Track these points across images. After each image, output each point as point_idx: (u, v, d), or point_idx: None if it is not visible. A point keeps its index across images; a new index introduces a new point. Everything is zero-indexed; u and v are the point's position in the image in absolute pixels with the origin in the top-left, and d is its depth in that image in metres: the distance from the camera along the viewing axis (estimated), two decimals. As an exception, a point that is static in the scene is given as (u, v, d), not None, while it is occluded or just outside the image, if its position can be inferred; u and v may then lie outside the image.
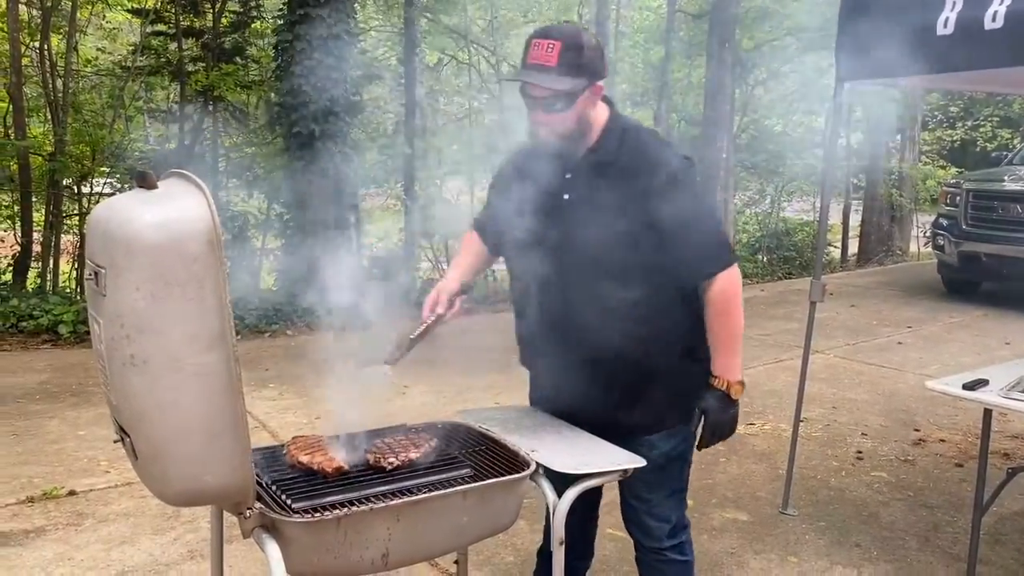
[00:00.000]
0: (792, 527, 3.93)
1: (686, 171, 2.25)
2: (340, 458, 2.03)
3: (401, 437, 2.20)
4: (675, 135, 15.71)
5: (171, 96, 10.86)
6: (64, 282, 9.67)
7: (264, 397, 5.90)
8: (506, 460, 2.14)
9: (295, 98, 8.59)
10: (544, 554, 2.74)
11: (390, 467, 2.03)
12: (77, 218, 9.70)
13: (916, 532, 3.87)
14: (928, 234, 12.11)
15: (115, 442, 1.80)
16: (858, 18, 3.63)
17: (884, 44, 3.30)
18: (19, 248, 9.41)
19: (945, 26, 3.15)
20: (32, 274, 9.56)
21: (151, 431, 1.65)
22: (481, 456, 2.20)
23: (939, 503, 4.20)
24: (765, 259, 14.08)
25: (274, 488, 1.96)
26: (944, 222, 10.01)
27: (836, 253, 15.87)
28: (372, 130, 12.05)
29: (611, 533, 3.58)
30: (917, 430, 5.35)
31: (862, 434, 5.30)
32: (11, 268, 9.24)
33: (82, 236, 8.86)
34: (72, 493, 4.15)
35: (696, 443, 2.40)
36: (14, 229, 9.79)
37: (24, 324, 7.38)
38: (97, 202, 9.03)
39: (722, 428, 2.34)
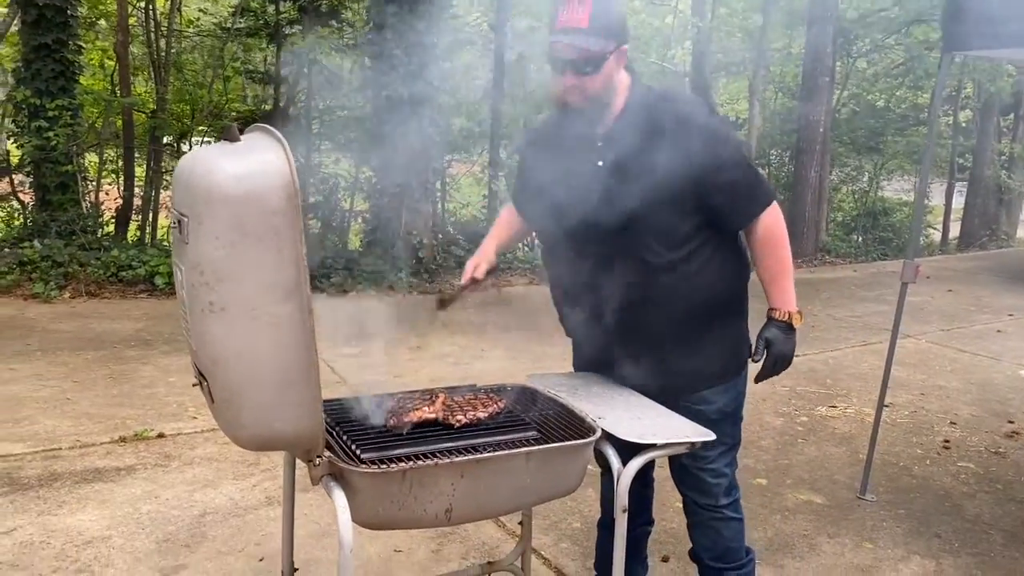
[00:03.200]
0: (869, 513, 3.83)
1: (713, 122, 2.26)
2: (415, 415, 2.06)
3: (470, 396, 2.22)
4: (771, 107, 15.25)
5: (268, 58, 11.11)
6: (162, 235, 10.08)
7: (345, 354, 6.02)
8: (572, 425, 2.14)
9: (387, 62, 8.67)
10: (605, 526, 2.73)
11: (458, 424, 2.06)
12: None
13: (1003, 527, 3.72)
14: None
15: (193, 385, 1.87)
16: (968, -16, 3.43)
17: (996, 12, 3.11)
18: (121, 201, 9.82)
19: (1066, -7, 2.95)
20: (132, 227, 10.00)
21: (226, 376, 1.71)
22: (548, 420, 2.20)
23: (1030, 498, 4.03)
24: (859, 239, 13.62)
25: (345, 439, 2.00)
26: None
27: (936, 235, 15.24)
28: (461, 96, 12.08)
29: (678, 507, 3.56)
30: (1011, 422, 5.12)
31: (951, 423, 5.10)
32: (114, 220, 9.67)
33: (180, 192, 9.19)
34: (161, 436, 4.35)
35: (757, 375, 2.39)
36: (118, 183, 10.23)
37: (123, 274, 7.73)
38: (195, 160, 9.33)
39: (785, 358, 2.35)
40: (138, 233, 10.00)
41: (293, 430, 1.76)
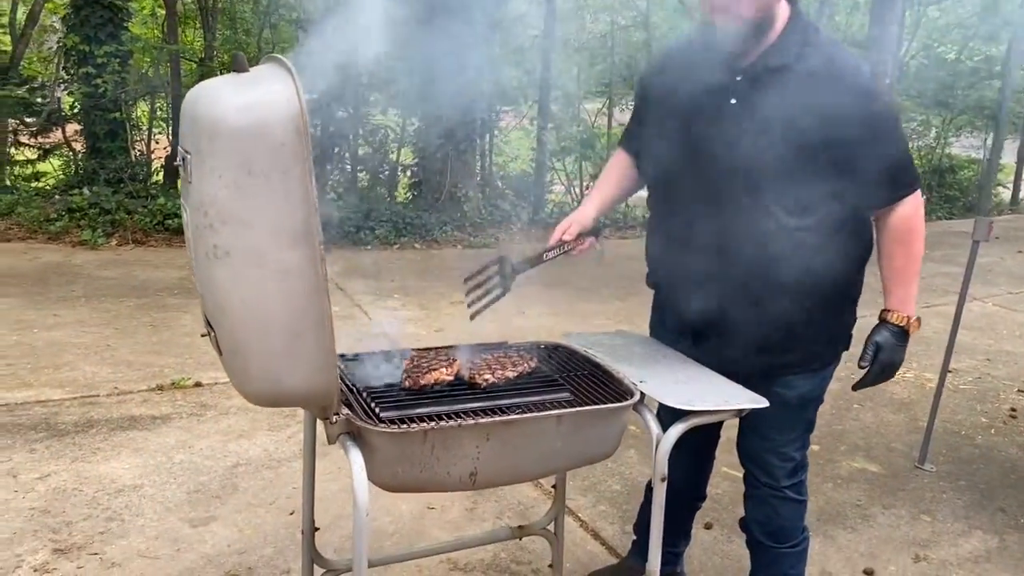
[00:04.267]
0: (928, 484, 3.62)
1: (875, 83, 2.01)
2: (438, 373, 1.92)
3: (500, 354, 2.08)
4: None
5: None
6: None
7: (387, 307, 5.96)
8: (609, 388, 1.98)
9: (434, 9, 8.46)
10: (650, 489, 2.59)
11: (485, 384, 1.91)
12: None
13: (1073, 502, 3.49)
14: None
15: (202, 336, 1.75)
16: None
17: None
18: (170, 150, 9.84)
19: None
20: (181, 176, 10.00)
21: (233, 326, 1.59)
22: (583, 381, 2.04)
23: (1104, 473, 3.77)
24: (925, 197, 13.07)
25: (365, 395, 1.88)
26: None
27: (1006, 194, 14.59)
28: (510, 47, 11.80)
29: (726, 472, 3.40)
30: (1084, 391, 4.83)
31: (1018, 391, 4.83)
32: (162, 168, 9.69)
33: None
34: (198, 384, 4.32)
35: (857, 382, 2.17)
36: (167, 132, 10.24)
37: (169, 222, 7.74)
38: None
39: (892, 367, 2.13)
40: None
41: (305, 385, 1.63)
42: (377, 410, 1.81)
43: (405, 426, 1.73)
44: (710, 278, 2.11)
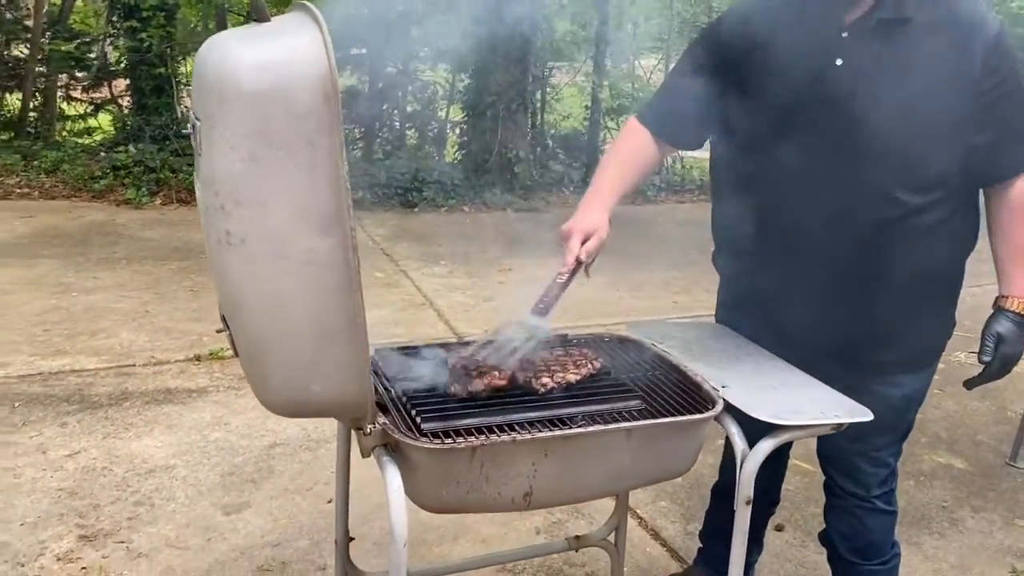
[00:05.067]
0: (1022, 484, 3.29)
1: (1005, 36, 1.69)
2: (490, 377, 1.66)
3: (560, 353, 1.80)
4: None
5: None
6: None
7: (434, 274, 5.72)
8: (686, 394, 1.71)
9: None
10: (721, 495, 2.33)
11: (543, 389, 1.65)
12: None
13: None
14: None
15: (218, 332, 1.52)
16: None
17: None
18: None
19: None
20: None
21: (251, 325, 1.35)
22: (655, 386, 1.77)
23: None
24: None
25: (405, 401, 1.64)
26: None
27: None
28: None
29: (797, 465, 3.11)
30: None
31: (1117, 378, 4.43)
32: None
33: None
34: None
35: (973, 379, 1.89)
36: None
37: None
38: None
39: (1013, 360, 1.85)
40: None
41: (334, 395, 1.39)
42: (418, 420, 1.56)
43: (451, 440, 1.48)
44: (804, 265, 1.82)
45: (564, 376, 1.67)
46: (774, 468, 2.31)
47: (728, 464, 2.30)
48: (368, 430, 1.50)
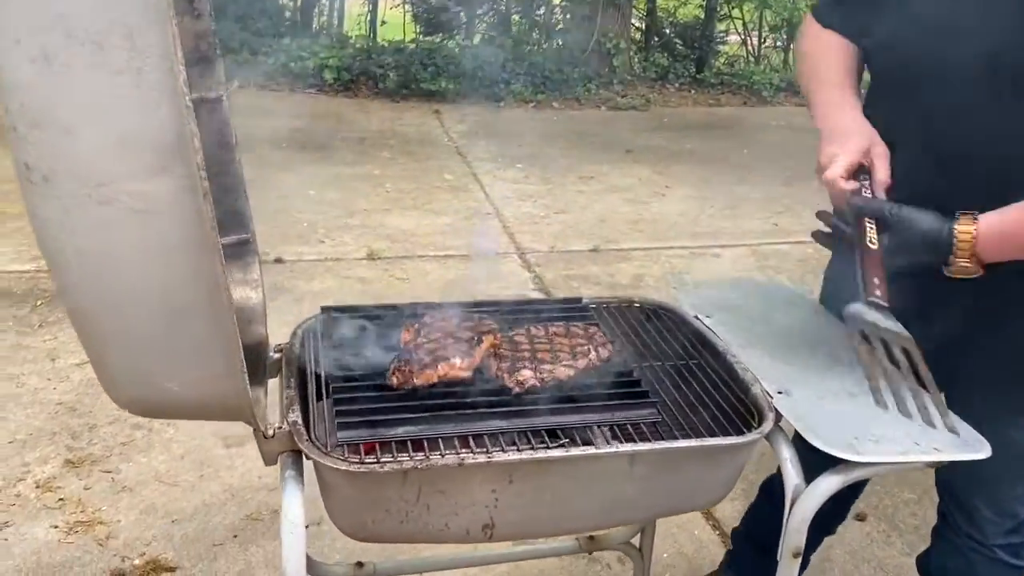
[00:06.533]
0: None
1: None
2: (445, 367, 1.21)
3: (558, 328, 1.34)
4: None
5: None
6: (351, 27, 9.41)
7: (507, 178, 5.25)
8: (726, 400, 1.25)
9: None
10: (769, 494, 1.84)
11: (519, 388, 1.21)
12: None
13: None
14: None
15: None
16: None
17: None
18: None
19: None
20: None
21: (75, 293, 0.95)
22: (684, 383, 1.31)
23: None
24: None
25: (331, 391, 1.22)
26: None
27: None
28: None
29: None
30: None
31: None
32: (300, 5, 9.13)
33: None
34: (278, 261, 3.85)
35: None
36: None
37: (293, 65, 7.21)
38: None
39: None
40: (323, 20, 9.44)
41: (194, 393, 1.00)
42: (337, 424, 1.16)
43: (372, 459, 1.08)
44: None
45: (553, 370, 1.22)
46: (840, 505, 1.81)
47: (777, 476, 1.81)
48: (267, 433, 1.11)
